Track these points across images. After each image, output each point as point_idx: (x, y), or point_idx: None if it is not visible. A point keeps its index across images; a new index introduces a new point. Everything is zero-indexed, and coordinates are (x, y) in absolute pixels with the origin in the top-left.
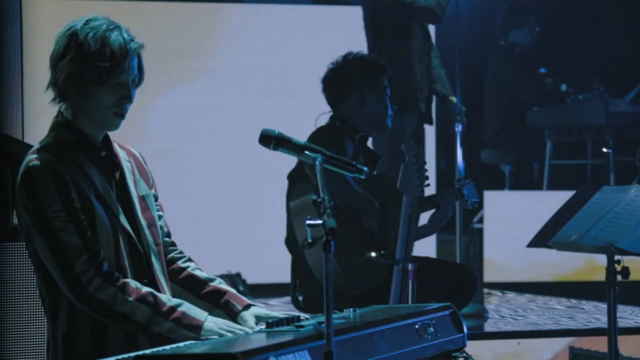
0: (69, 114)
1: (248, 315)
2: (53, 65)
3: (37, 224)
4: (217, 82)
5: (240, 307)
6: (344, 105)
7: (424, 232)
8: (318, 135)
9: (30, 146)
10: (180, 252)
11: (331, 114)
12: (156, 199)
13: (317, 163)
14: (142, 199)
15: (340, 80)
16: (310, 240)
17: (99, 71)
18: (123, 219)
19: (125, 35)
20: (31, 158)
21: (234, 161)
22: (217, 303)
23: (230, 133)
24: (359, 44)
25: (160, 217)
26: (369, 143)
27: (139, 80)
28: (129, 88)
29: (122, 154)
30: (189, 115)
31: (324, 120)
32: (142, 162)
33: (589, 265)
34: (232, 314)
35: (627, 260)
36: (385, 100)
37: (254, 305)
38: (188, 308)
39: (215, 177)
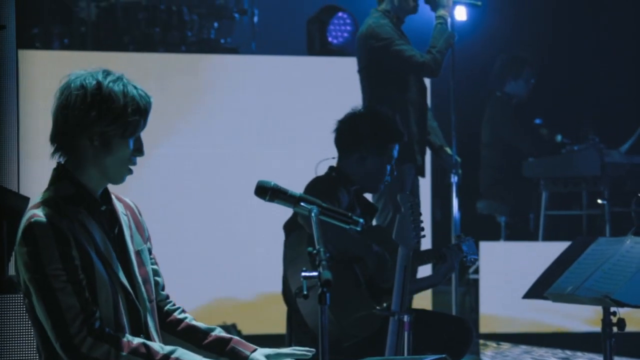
0: (71, 166)
1: (259, 356)
2: (67, 117)
3: (35, 281)
4: (212, 132)
5: (248, 352)
6: (346, 157)
7: (427, 283)
8: (313, 186)
9: (26, 198)
10: (174, 305)
11: (330, 164)
12: (150, 252)
13: (313, 215)
14: (138, 254)
15: (350, 133)
16: (305, 293)
17: (125, 126)
18: (122, 276)
19: (143, 90)
20: (33, 213)
21: (230, 211)
22: (222, 351)
23: (225, 184)
24: (354, 95)
25: (155, 271)
26: (369, 196)
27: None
28: (142, 141)
29: (119, 207)
30: (184, 166)
31: (324, 167)
32: (138, 214)
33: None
34: None
35: (623, 312)
36: (386, 168)
37: (259, 348)
38: (182, 353)
39: (211, 228)
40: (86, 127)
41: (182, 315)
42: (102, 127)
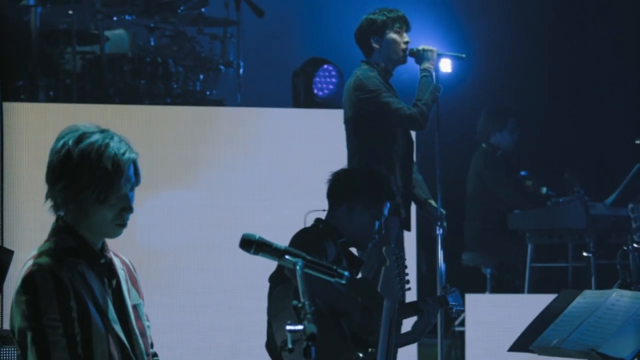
0: (69, 219)
1: None
2: (49, 183)
3: (31, 330)
4: (198, 185)
5: None
6: (335, 209)
7: (407, 340)
8: (299, 238)
9: (10, 251)
10: None
11: (319, 215)
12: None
13: (298, 268)
14: (135, 308)
15: (343, 184)
16: (290, 347)
17: (96, 192)
18: (118, 329)
19: (117, 150)
20: (34, 262)
21: (215, 264)
22: None
23: (211, 236)
24: (340, 147)
25: (148, 326)
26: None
27: (136, 184)
28: (128, 199)
29: (116, 262)
30: (169, 218)
31: (313, 218)
32: (133, 271)
33: None
34: None
35: None
36: (374, 224)
37: None
38: None
39: (195, 280)
40: (63, 196)
41: None
42: (74, 195)
